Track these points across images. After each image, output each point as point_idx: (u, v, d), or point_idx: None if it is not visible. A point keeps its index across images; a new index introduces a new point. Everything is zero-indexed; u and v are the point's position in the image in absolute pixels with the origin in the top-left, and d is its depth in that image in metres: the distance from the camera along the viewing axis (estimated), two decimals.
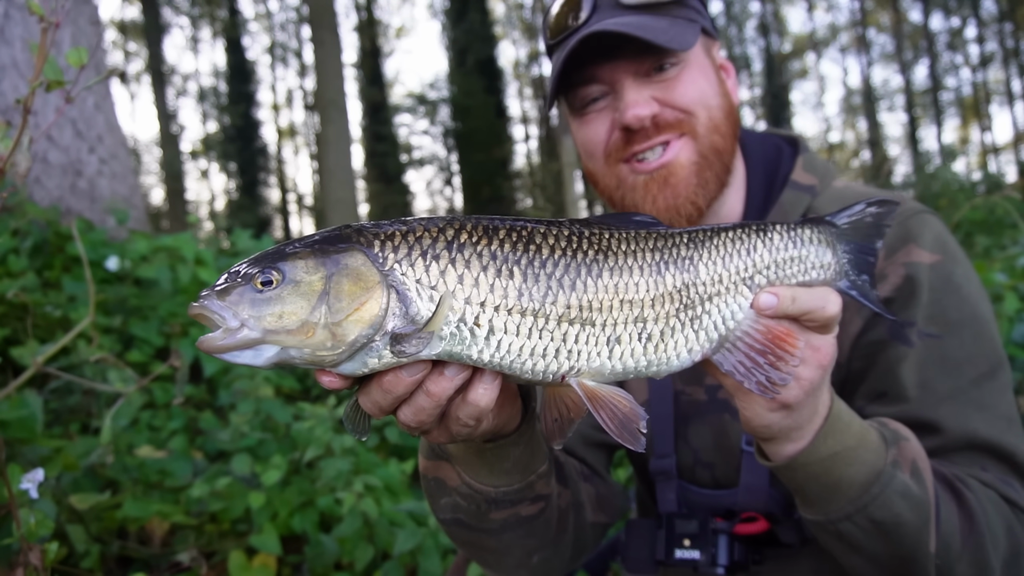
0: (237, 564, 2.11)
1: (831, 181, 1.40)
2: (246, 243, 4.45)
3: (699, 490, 1.39)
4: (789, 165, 1.41)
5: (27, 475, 1.31)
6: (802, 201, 1.36)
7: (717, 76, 1.35)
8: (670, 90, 1.29)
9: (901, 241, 1.27)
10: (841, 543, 1.06)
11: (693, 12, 1.32)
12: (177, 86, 32.76)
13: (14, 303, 2.93)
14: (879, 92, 38.10)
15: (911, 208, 1.31)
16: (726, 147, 1.32)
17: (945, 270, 1.25)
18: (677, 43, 1.24)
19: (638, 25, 1.24)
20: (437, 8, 33.86)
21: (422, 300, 0.76)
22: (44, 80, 1.23)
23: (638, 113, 1.27)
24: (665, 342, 0.87)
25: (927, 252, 1.25)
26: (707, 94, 1.31)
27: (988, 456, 1.18)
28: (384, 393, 0.80)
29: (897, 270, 1.25)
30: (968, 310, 1.24)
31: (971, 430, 1.17)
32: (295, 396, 3.36)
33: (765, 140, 1.47)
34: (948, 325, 1.22)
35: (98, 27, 4.53)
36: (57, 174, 4.03)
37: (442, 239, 0.79)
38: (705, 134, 1.30)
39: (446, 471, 1.11)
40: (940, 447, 1.17)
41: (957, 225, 6.31)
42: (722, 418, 1.36)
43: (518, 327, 0.79)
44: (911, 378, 1.20)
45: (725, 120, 1.32)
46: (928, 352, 1.21)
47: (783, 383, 0.87)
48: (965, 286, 1.25)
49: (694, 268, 0.88)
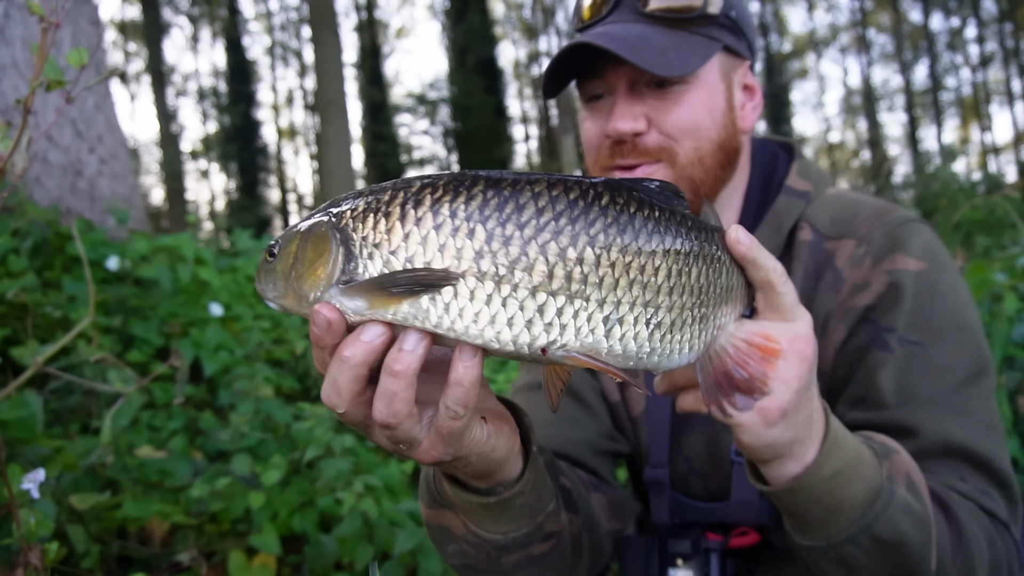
0: (237, 564, 2.11)
1: (825, 188, 1.38)
2: (246, 243, 4.46)
3: (691, 502, 1.37)
4: (784, 170, 1.40)
5: (28, 475, 1.31)
6: (796, 207, 1.34)
7: (728, 101, 1.28)
8: (663, 111, 1.24)
9: (887, 249, 1.25)
10: (840, 567, 1.01)
11: (719, 30, 1.26)
12: (177, 86, 32.79)
13: (14, 303, 2.93)
14: (879, 92, 38.11)
15: (900, 217, 1.29)
16: (707, 180, 1.27)
17: (931, 278, 1.23)
18: (668, 69, 1.19)
19: (639, 40, 1.20)
20: (437, 8, 33.89)
21: (362, 257, 0.76)
22: (44, 80, 1.23)
23: (619, 127, 1.24)
24: (673, 335, 0.82)
25: (913, 260, 1.23)
26: (701, 124, 1.25)
27: (965, 463, 1.15)
28: (340, 363, 0.76)
29: (881, 277, 1.23)
30: (952, 319, 1.21)
31: (948, 435, 1.15)
32: (295, 396, 3.36)
33: (763, 147, 1.45)
34: (930, 332, 1.20)
35: (98, 27, 4.53)
36: (57, 174, 4.03)
37: (402, 195, 0.77)
38: (685, 165, 1.25)
39: (450, 519, 1.05)
40: (917, 452, 1.14)
41: (957, 225, 6.30)
42: (714, 426, 1.35)
43: (472, 292, 0.74)
44: (890, 384, 1.19)
45: (715, 152, 1.27)
46: (908, 358, 1.19)
47: (757, 389, 0.86)
48: (951, 295, 1.23)
49: (719, 265, 0.86)
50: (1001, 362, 2.69)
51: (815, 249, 1.31)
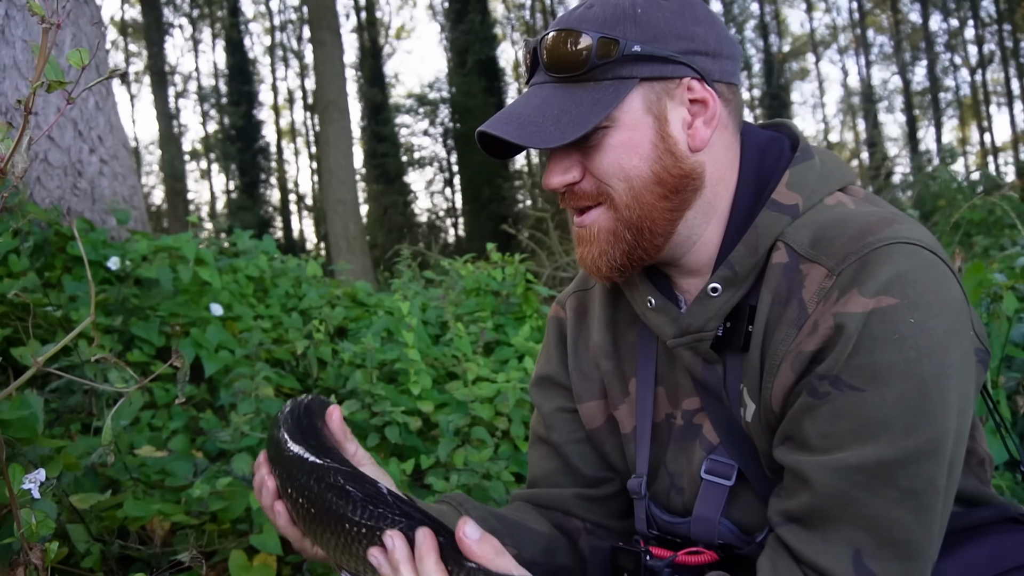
0: (237, 564, 2.11)
1: (823, 196, 1.22)
2: (246, 243, 4.46)
3: (661, 514, 1.36)
4: (778, 179, 1.25)
5: (29, 475, 1.32)
6: (778, 224, 1.20)
7: (658, 131, 1.19)
8: (592, 158, 1.20)
9: (852, 283, 1.08)
10: None
11: (631, 64, 1.17)
12: (177, 86, 32.80)
13: (15, 303, 2.93)
14: (878, 93, 38.13)
15: (881, 238, 1.10)
16: (649, 216, 1.20)
17: (891, 317, 1.05)
18: (558, 137, 1.14)
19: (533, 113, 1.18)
20: (437, 9, 33.90)
21: None
22: (45, 81, 1.23)
23: (549, 183, 1.23)
24: None
25: (870, 298, 1.06)
26: (626, 164, 1.19)
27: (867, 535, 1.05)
28: None
29: (827, 320, 1.09)
30: (903, 367, 1.04)
31: (852, 499, 1.05)
32: (295, 396, 3.36)
33: (769, 146, 1.30)
34: (875, 379, 1.05)
35: (99, 28, 4.54)
36: (58, 174, 4.04)
37: None
38: (622, 207, 1.21)
39: None
40: (813, 509, 1.08)
41: (956, 225, 6.31)
42: (692, 444, 1.32)
43: None
44: (815, 429, 1.08)
45: (651, 187, 1.19)
46: (843, 404, 1.06)
47: None
48: (912, 337, 1.04)
49: None
50: (1000, 362, 2.70)
51: (789, 272, 1.16)
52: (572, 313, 1.54)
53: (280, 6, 34.45)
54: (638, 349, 1.41)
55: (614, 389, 1.43)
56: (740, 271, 1.23)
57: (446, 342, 3.93)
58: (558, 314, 1.57)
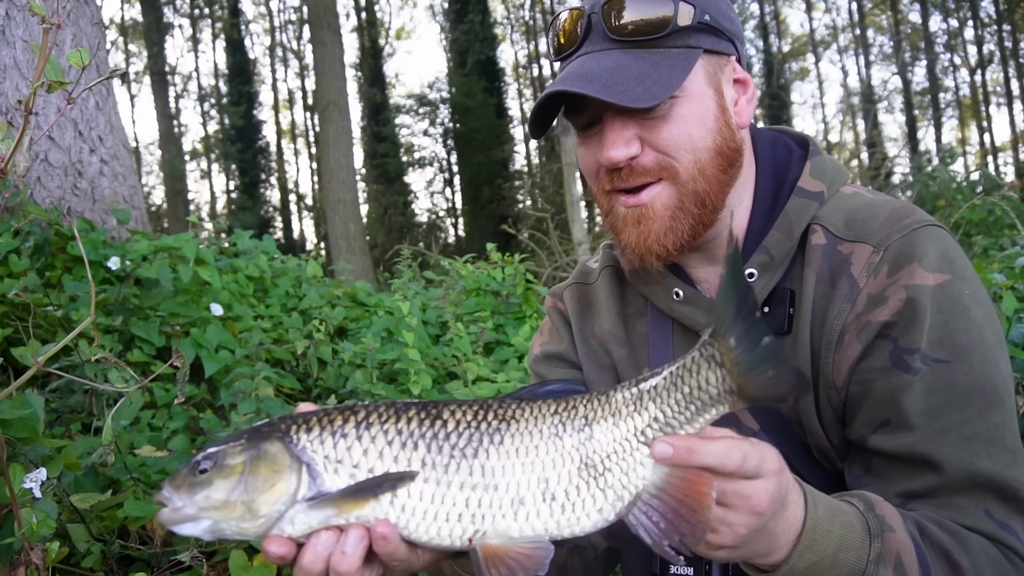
0: (237, 564, 2.11)
1: (839, 186, 1.32)
2: (247, 243, 4.46)
3: None
4: (798, 169, 1.33)
5: (30, 475, 1.32)
6: (809, 209, 1.28)
7: (719, 104, 1.24)
8: (655, 130, 1.21)
9: (905, 258, 1.18)
10: None
11: (696, 35, 1.22)
12: (178, 86, 32.80)
13: (15, 303, 2.94)
14: (878, 93, 38.13)
15: (917, 220, 1.22)
16: (711, 189, 1.24)
17: (952, 291, 1.16)
18: (649, 98, 1.15)
19: (613, 73, 1.17)
20: (437, 9, 33.91)
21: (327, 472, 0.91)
22: (46, 81, 1.24)
23: (612, 156, 1.21)
24: (572, 501, 0.93)
25: (931, 272, 1.17)
26: (695, 135, 1.21)
27: (991, 495, 1.13)
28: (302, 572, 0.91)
29: (898, 292, 1.17)
30: (976, 333, 1.16)
31: (975, 468, 1.13)
32: (295, 396, 3.37)
33: (776, 141, 1.38)
34: (956, 349, 1.15)
35: (99, 28, 4.54)
36: (58, 174, 4.04)
37: (352, 420, 0.94)
38: (687, 180, 1.22)
39: None
40: (942, 486, 1.14)
41: (955, 225, 6.31)
42: None
43: (421, 493, 0.91)
44: (915, 406, 1.15)
45: (714, 159, 1.23)
46: (934, 378, 1.15)
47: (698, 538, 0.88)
48: (973, 308, 1.17)
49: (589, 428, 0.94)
50: None
51: (828, 252, 1.25)
52: (574, 303, 1.54)
53: (280, 6, 34.49)
54: (649, 339, 1.42)
55: (628, 376, 1.44)
56: (776, 255, 1.27)
57: (446, 342, 3.94)
58: (556, 304, 1.58)
